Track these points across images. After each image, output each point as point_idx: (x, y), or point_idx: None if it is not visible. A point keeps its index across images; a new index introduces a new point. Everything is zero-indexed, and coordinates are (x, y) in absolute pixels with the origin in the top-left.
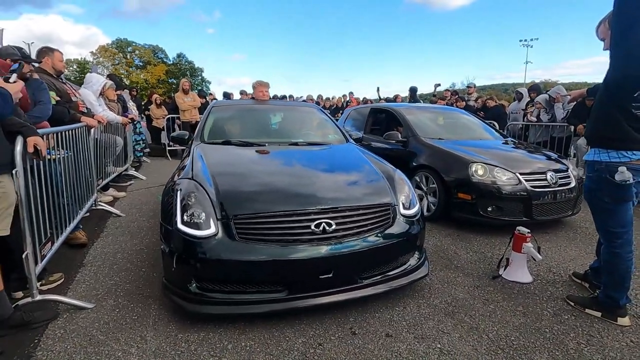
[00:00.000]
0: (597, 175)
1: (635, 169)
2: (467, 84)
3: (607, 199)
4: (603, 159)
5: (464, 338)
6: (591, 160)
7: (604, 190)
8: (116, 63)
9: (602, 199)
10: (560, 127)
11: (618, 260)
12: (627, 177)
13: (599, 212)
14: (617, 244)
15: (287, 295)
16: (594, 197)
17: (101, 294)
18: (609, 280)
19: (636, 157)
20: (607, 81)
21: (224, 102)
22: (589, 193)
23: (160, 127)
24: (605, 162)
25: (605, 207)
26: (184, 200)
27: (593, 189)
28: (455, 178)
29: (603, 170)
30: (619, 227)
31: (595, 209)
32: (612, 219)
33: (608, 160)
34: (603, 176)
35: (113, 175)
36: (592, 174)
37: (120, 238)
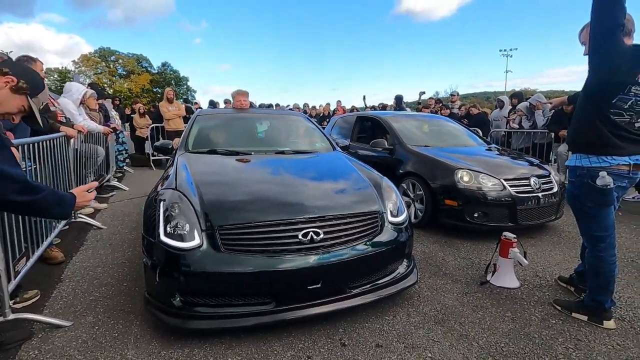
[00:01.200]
0: (579, 181)
1: (616, 173)
2: (451, 92)
3: (590, 203)
4: (584, 164)
5: (455, 346)
6: (573, 165)
7: (586, 195)
8: (99, 72)
9: (584, 204)
10: (541, 134)
11: (602, 263)
12: (608, 181)
13: (582, 216)
14: (601, 248)
15: (275, 307)
16: (576, 202)
17: (79, 310)
18: (595, 284)
19: (616, 162)
20: (586, 88)
21: (208, 111)
22: (571, 198)
23: (144, 136)
24: (586, 168)
25: (588, 212)
26: (167, 211)
27: (576, 194)
28: (442, 185)
29: (585, 175)
30: (602, 230)
31: (578, 214)
32: (595, 223)
33: (589, 165)
34: (585, 181)
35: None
36: (574, 179)
37: (101, 251)
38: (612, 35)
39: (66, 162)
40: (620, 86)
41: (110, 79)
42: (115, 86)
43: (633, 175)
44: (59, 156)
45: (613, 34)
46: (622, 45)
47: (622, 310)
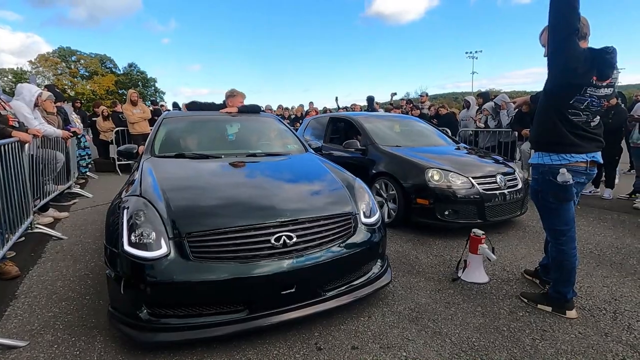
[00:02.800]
0: (541, 178)
1: (575, 170)
2: (420, 93)
3: (551, 199)
4: (546, 161)
5: (428, 344)
6: (535, 163)
7: (548, 191)
8: (59, 73)
9: (546, 199)
10: (505, 133)
11: (564, 256)
12: (567, 178)
13: (544, 211)
14: (562, 241)
15: (248, 315)
16: (539, 197)
17: (37, 328)
18: (558, 276)
19: (574, 160)
20: (546, 89)
21: (176, 113)
22: (534, 194)
23: (108, 140)
24: (548, 165)
25: (550, 207)
26: (132, 219)
27: (538, 190)
28: (413, 184)
29: (546, 172)
30: (563, 224)
31: (541, 209)
32: (557, 217)
33: (550, 162)
34: (547, 178)
35: (54, 193)
36: (537, 176)
37: (61, 263)
38: (568, 40)
39: (20, 169)
40: (576, 88)
41: (71, 80)
42: (77, 88)
43: (590, 172)
44: (11, 163)
45: (569, 39)
46: (578, 49)
47: (583, 299)
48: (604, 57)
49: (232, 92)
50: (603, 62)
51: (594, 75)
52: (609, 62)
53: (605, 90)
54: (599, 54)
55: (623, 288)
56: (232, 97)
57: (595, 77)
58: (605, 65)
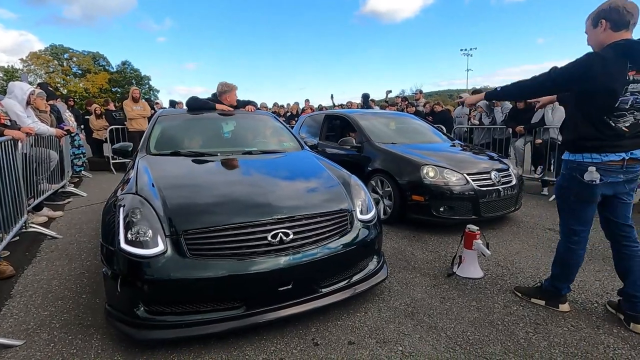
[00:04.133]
0: (569, 174)
1: (605, 169)
2: (415, 90)
3: (573, 197)
4: (577, 158)
5: (424, 338)
6: (566, 159)
7: (572, 188)
8: (51, 71)
9: (569, 197)
10: (500, 130)
11: (572, 255)
12: (594, 177)
13: (563, 208)
14: (574, 241)
15: (245, 311)
16: (561, 193)
17: (32, 327)
18: (559, 272)
19: (607, 159)
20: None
21: (171, 111)
22: (558, 189)
23: (102, 138)
24: (577, 162)
25: (570, 205)
26: (128, 217)
27: (563, 187)
28: (409, 181)
29: (575, 168)
30: (579, 225)
31: (561, 206)
32: (574, 217)
33: (581, 160)
34: (574, 174)
35: (48, 193)
36: (565, 172)
37: (57, 262)
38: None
39: (14, 168)
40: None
41: (64, 78)
42: (69, 86)
43: (629, 169)
44: (5, 162)
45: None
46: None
47: (575, 293)
48: (637, 48)
49: (225, 87)
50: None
51: (629, 70)
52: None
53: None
54: (631, 46)
55: (615, 282)
56: (227, 93)
57: (634, 72)
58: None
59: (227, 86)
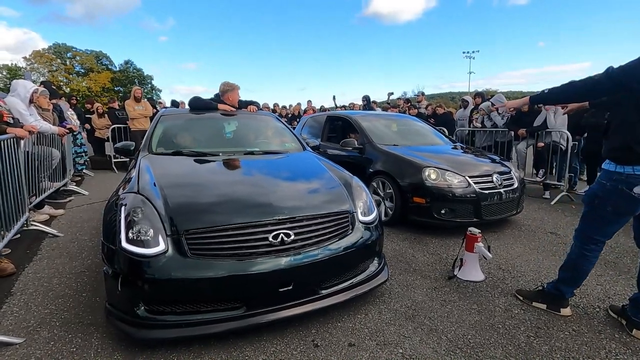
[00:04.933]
0: (612, 185)
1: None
2: (417, 92)
3: (610, 208)
4: (626, 170)
5: (425, 341)
6: (612, 170)
7: (612, 200)
8: (54, 69)
9: (604, 208)
10: (502, 132)
11: (585, 262)
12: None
13: (592, 217)
14: (591, 249)
15: (246, 312)
16: (595, 203)
17: (33, 325)
18: (568, 277)
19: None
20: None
21: (173, 111)
22: (592, 197)
23: (104, 137)
24: (626, 174)
25: (602, 215)
26: (129, 216)
27: (599, 196)
28: (410, 183)
29: (622, 181)
30: (601, 236)
31: (590, 214)
32: (600, 228)
33: (631, 172)
34: (619, 187)
35: (49, 191)
36: (606, 182)
37: (57, 261)
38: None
39: (16, 166)
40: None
41: (66, 76)
42: (72, 84)
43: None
44: (7, 160)
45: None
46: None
47: (577, 298)
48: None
49: (227, 86)
50: None
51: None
52: None
53: None
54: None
55: (616, 286)
56: (230, 92)
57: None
58: None
59: (229, 85)
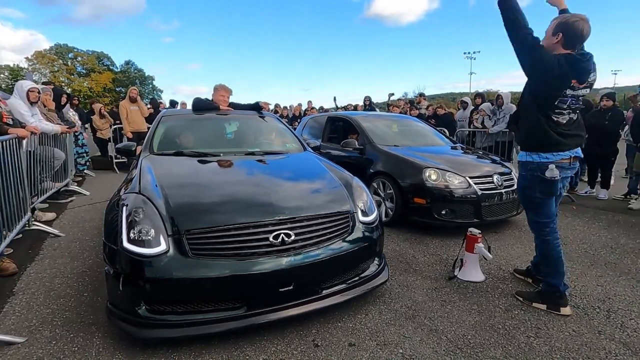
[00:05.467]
0: (530, 174)
1: (561, 166)
2: (417, 93)
3: (538, 194)
4: (535, 159)
5: (425, 341)
6: (524, 160)
7: (535, 186)
8: (55, 70)
9: (533, 195)
10: (502, 133)
11: (549, 246)
12: (555, 174)
13: (530, 206)
14: (546, 232)
15: (246, 312)
16: (526, 193)
17: (35, 325)
18: (547, 269)
19: (559, 157)
20: (531, 92)
21: (174, 111)
22: (522, 190)
23: (106, 138)
24: (536, 162)
25: (536, 202)
26: (131, 215)
27: (526, 187)
28: (411, 183)
29: (535, 169)
30: (546, 217)
31: (527, 204)
32: (541, 211)
33: (539, 160)
34: (535, 174)
35: (51, 191)
36: (525, 173)
37: (59, 260)
38: (533, 50)
39: (18, 166)
40: (557, 91)
41: (68, 77)
42: (74, 85)
43: (573, 166)
44: (9, 160)
45: (533, 49)
46: (548, 56)
47: (577, 298)
48: (580, 64)
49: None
50: (581, 68)
51: (573, 79)
52: (585, 69)
53: (583, 91)
54: (577, 61)
55: (617, 287)
56: (216, 91)
57: (575, 81)
58: (582, 71)
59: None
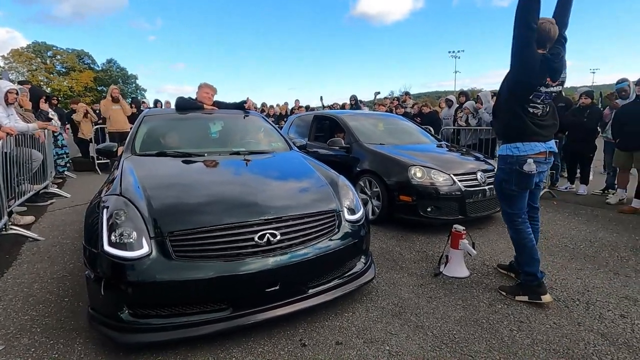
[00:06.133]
0: (508, 167)
1: (538, 161)
2: (402, 92)
3: (514, 186)
4: (514, 152)
5: (411, 337)
6: (504, 154)
7: (512, 179)
8: (33, 69)
9: (509, 187)
10: (486, 131)
11: (522, 234)
12: (533, 167)
13: (505, 198)
14: (519, 222)
15: (232, 313)
16: (503, 186)
17: (12, 332)
18: (523, 257)
19: (537, 150)
20: (509, 87)
21: (157, 111)
22: (499, 182)
23: (87, 138)
24: (516, 156)
25: (511, 194)
26: (112, 218)
27: (504, 179)
28: (396, 181)
29: (514, 162)
30: (518, 209)
31: (502, 197)
32: (515, 203)
33: (518, 154)
34: (514, 168)
35: (29, 194)
36: (504, 166)
37: (38, 265)
38: (527, 47)
39: None
40: (534, 86)
41: (47, 76)
42: (53, 84)
43: (548, 161)
44: None
45: (527, 46)
46: (536, 54)
47: (557, 291)
48: (552, 64)
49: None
50: (553, 68)
51: (547, 77)
52: (557, 68)
53: (555, 88)
54: (550, 61)
55: (595, 280)
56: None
57: (549, 79)
58: (555, 70)
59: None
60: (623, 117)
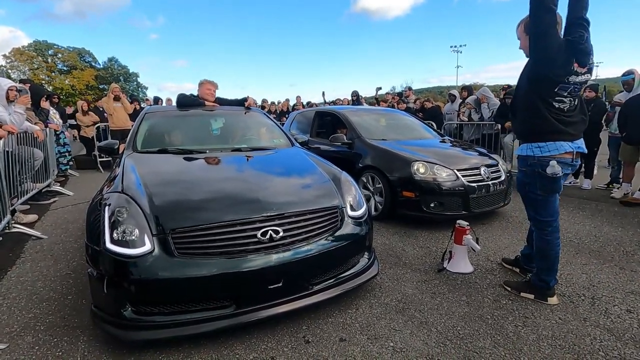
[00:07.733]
0: (530, 170)
1: (564, 162)
2: (404, 87)
3: (539, 191)
4: (535, 153)
5: (415, 333)
6: (524, 155)
7: (536, 183)
8: (35, 67)
9: (534, 192)
10: (489, 125)
11: (549, 246)
12: (557, 170)
13: (530, 203)
14: (548, 232)
15: (235, 310)
16: (526, 189)
17: (16, 330)
18: (543, 265)
19: (563, 150)
20: (530, 79)
21: (158, 108)
22: (522, 186)
23: (89, 136)
24: (537, 157)
25: (537, 199)
26: (113, 215)
27: (526, 183)
28: (399, 177)
29: (536, 164)
30: (549, 216)
31: (527, 201)
32: (543, 209)
33: (540, 154)
34: (536, 170)
35: (32, 192)
36: (525, 168)
37: (41, 263)
38: (546, 35)
39: None
40: (560, 76)
41: (48, 74)
42: (55, 83)
43: (575, 163)
44: None
45: (546, 34)
46: (558, 40)
47: (563, 286)
48: (579, 46)
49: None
50: (580, 51)
51: (574, 62)
52: (585, 51)
53: (584, 77)
54: (574, 44)
55: (601, 274)
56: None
57: (577, 64)
58: (582, 52)
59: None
60: (629, 111)
